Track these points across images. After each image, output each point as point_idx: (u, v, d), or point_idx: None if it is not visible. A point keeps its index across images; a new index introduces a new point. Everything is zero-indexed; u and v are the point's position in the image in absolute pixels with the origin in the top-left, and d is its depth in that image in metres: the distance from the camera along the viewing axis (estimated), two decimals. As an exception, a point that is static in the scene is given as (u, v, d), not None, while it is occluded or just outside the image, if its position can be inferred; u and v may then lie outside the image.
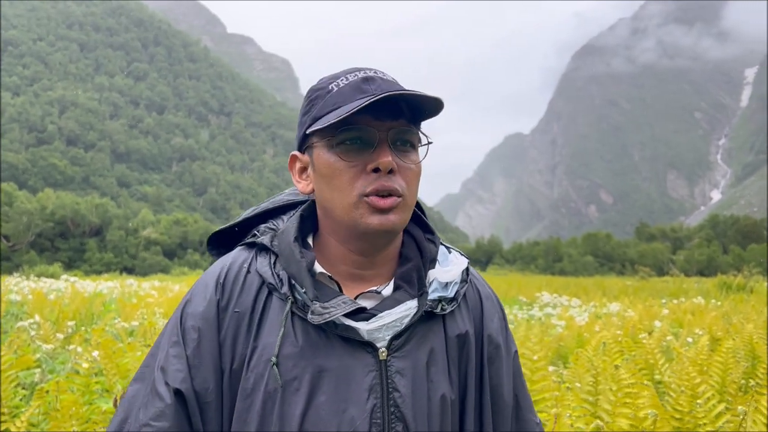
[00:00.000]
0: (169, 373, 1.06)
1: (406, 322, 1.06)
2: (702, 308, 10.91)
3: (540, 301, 13.83)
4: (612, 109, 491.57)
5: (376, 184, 1.03)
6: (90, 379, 3.92)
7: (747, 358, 5.00)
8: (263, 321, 1.07)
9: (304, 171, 1.14)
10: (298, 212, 1.17)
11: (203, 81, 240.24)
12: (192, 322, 1.09)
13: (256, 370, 1.04)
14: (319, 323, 1.02)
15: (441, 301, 1.11)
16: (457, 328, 1.13)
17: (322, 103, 1.07)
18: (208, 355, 1.07)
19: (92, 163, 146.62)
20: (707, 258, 64.44)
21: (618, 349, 4.24)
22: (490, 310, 1.20)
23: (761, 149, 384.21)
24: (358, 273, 1.12)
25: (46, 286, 16.13)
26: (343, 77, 1.08)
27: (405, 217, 1.07)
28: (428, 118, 1.11)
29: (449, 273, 1.13)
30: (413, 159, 1.08)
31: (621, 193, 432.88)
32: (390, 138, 1.05)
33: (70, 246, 65.69)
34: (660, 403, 2.82)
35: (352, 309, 1.03)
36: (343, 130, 1.04)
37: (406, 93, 1.01)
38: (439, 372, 1.09)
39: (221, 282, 1.11)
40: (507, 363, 1.19)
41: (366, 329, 1.04)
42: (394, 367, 1.04)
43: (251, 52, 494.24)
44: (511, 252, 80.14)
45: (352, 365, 1.03)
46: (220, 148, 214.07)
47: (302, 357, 1.03)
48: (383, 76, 1.08)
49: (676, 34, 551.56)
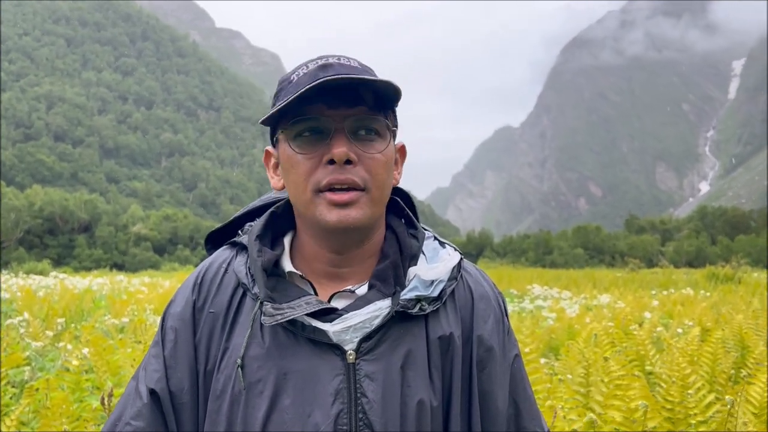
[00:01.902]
0: (147, 373, 1.07)
1: (376, 323, 1.01)
2: (691, 299, 11.00)
3: (531, 294, 13.88)
4: (601, 101, 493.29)
5: (331, 177, 0.99)
6: (80, 377, 3.89)
7: (736, 348, 5.05)
8: (236, 322, 1.05)
9: (277, 167, 1.11)
10: (270, 209, 1.14)
11: (192, 76, 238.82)
12: (171, 323, 1.08)
13: (226, 372, 1.02)
14: (271, 324, 0.99)
15: (420, 301, 1.04)
16: (441, 329, 1.06)
17: (283, 93, 1.03)
18: (184, 355, 1.06)
19: (80, 158, 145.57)
20: (696, 249, 64.93)
21: (609, 340, 4.26)
22: (484, 310, 1.12)
23: (749, 141, 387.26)
24: (334, 271, 1.07)
25: (35, 283, 16.02)
26: (305, 66, 1.04)
27: (370, 212, 1.02)
28: (394, 105, 1.06)
29: (434, 270, 1.07)
30: (378, 147, 1.02)
31: (610, 186, 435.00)
32: (348, 127, 1.00)
33: (59, 242, 65.30)
34: (651, 393, 2.84)
35: (315, 309, 0.99)
36: (296, 122, 1.00)
37: (346, 78, 0.96)
38: (418, 377, 1.02)
39: (199, 282, 1.10)
40: (502, 367, 1.11)
41: (332, 330, 0.99)
42: (363, 371, 1.00)
43: (240, 46, 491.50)
44: (501, 245, 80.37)
45: (318, 368, 1.00)
46: (209, 143, 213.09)
47: (268, 358, 1.00)
48: (344, 62, 1.02)
49: (664, 27, 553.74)
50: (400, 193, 1.17)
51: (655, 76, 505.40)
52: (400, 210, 1.16)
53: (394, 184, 1.10)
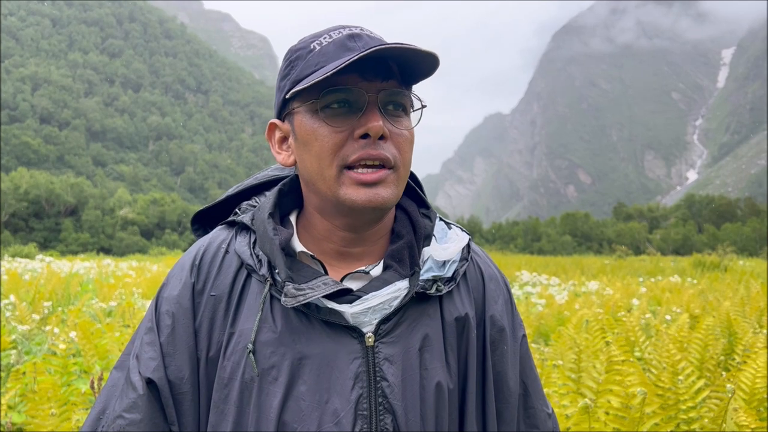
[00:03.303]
0: (142, 362, 1.00)
1: (395, 305, 0.98)
2: (678, 286, 11.10)
3: (519, 280, 13.93)
4: (591, 89, 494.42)
5: (362, 152, 0.94)
6: (68, 360, 3.85)
7: (724, 335, 5.09)
8: (241, 305, 1.00)
9: (284, 141, 1.05)
10: (277, 187, 1.10)
11: (180, 58, 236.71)
12: (166, 307, 1.02)
13: (233, 358, 0.97)
14: (293, 306, 0.94)
15: (436, 282, 1.02)
16: (456, 310, 1.04)
17: (303, 63, 0.96)
18: (183, 342, 1.00)
19: (67, 141, 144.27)
20: (683, 237, 65.59)
21: (599, 326, 4.27)
22: (494, 290, 1.11)
23: (737, 130, 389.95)
24: (346, 251, 1.04)
25: (21, 266, 15.87)
26: (326, 35, 0.98)
27: (398, 191, 0.98)
28: (421, 80, 1.00)
29: (447, 250, 1.05)
30: (405, 125, 0.99)
31: (599, 173, 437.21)
32: (380, 100, 0.95)
33: (45, 226, 64.81)
34: (650, 383, 2.85)
35: (333, 290, 0.95)
36: (327, 92, 0.94)
37: (401, 46, 0.91)
38: (435, 359, 1.00)
39: (197, 264, 1.04)
40: (513, 348, 1.10)
41: (350, 312, 0.96)
42: (382, 353, 0.97)
43: (229, 29, 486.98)
44: (490, 232, 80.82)
45: (335, 352, 0.96)
46: (197, 126, 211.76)
47: (281, 343, 0.96)
48: (370, 33, 0.98)
49: (655, 14, 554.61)
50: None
51: (646, 65, 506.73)
52: (408, 188, 1.13)
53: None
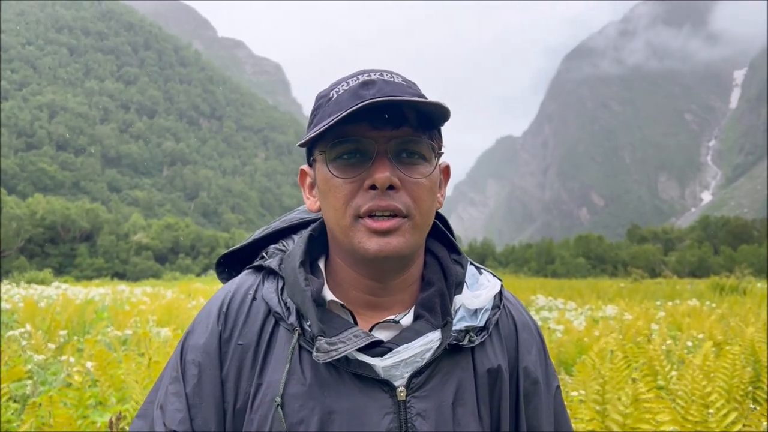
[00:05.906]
0: (167, 413, 0.98)
1: (427, 357, 0.94)
2: (698, 311, 10.90)
3: (535, 305, 13.76)
4: (603, 111, 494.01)
5: (372, 204, 0.92)
6: (83, 392, 3.81)
7: (749, 362, 4.96)
8: (269, 355, 0.97)
9: (313, 187, 1.04)
10: (306, 232, 1.07)
11: (194, 85, 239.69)
12: (192, 356, 0.99)
13: (260, 411, 0.94)
14: (325, 361, 0.91)
15: (469, 332, 0.99)
16: (489, 361, 1.01)
17: (322, 112, 0.97)
18: (210, 393, 0.97)
19: (82, 167, 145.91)
20: (698, 259, 64.87)
21: (623, 355, 4.17)
22: (527, 340, 1.07)
23: (751, 150, 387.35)
24: (373, 300, 1.01)
25: (37, 293, 15.92)
26: (344, 82, 0.97)
27: (413, 240, 0.95)
28: (440, 125, 0.98)
29: (479, 298, 1.01)
30: (422, 172, 0.96)
31: (612, 195, 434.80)
32: (391, 150, 0.93)
33: (60, 251, 65.33)
34: (679, 417, 2.75)
35: (365, 344, 0.92)
36: (337, 143, 0.94)
37: (396, 100, 0.89)
38: (468, 413, 0.97)
39: (224, 311, 1.01)
40: (547, 400, 1.07)
41: (382, 366, 0.93)
42: (414, 408, 0.93)
43: (242, 55, 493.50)
44: (503, 254, 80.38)
45: (366, 406, 0.93)
46: (211, 152, 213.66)
47: (310, 397, 0.93)
48: (388, 78, 0.96)
49: (665, 36, 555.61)
50: (436, 215, 1.09)
51: (657, 86, 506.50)
52: (438, 233, 1.10)
53: (438, 207, 1.03)
